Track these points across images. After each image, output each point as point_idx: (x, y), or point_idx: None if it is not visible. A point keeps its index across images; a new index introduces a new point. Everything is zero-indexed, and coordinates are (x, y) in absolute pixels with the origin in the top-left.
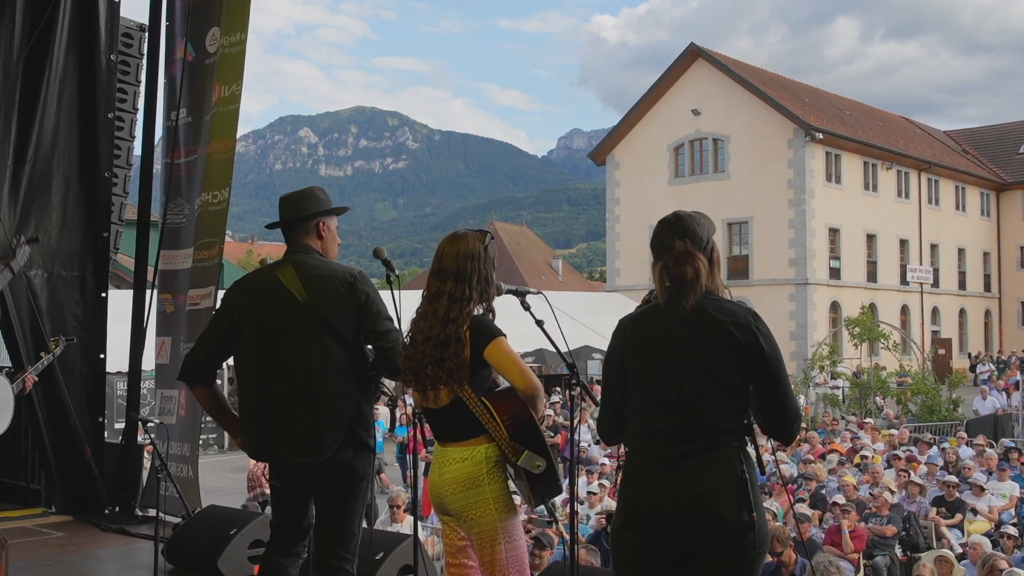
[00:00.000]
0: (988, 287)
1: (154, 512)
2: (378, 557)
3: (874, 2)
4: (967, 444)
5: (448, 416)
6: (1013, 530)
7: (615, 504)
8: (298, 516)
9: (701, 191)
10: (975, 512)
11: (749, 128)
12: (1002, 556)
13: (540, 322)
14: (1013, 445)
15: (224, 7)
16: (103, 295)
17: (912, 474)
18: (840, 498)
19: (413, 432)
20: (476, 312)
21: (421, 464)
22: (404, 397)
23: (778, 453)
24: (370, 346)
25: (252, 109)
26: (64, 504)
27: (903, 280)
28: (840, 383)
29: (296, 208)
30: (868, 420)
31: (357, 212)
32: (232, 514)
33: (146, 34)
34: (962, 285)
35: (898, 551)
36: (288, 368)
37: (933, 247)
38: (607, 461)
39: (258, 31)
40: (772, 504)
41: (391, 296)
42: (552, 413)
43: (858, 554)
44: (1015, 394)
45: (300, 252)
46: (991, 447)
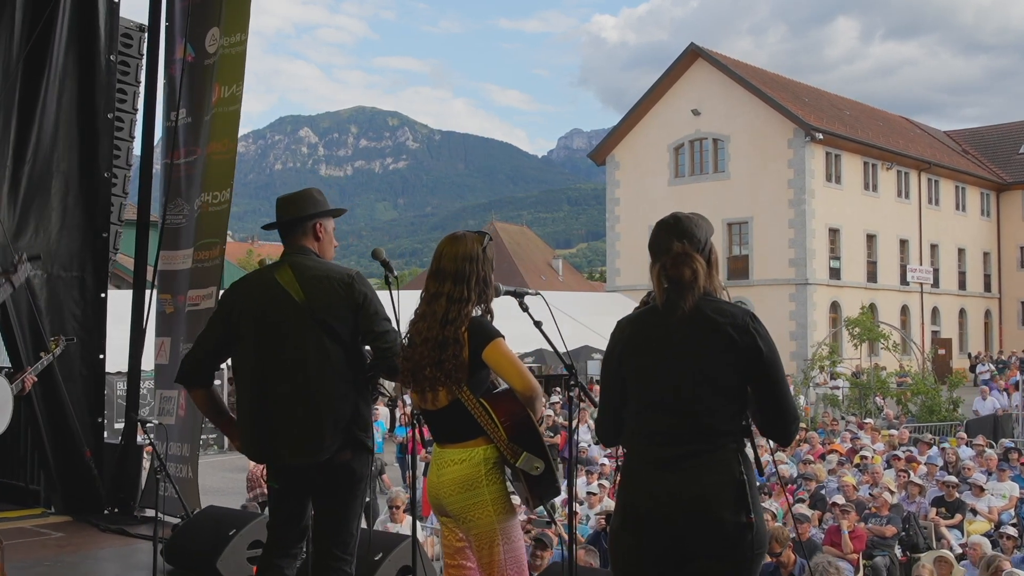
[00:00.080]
0: (988, 287)
1: (153, 513)
2: (377, 558)
3: (874, 2)
4: (967, 444)
5: (446, 417)
6: (1013, 530)
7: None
8: (296, 518)
9: (701, 191)
10: (975, 512)
11: (749, 128)
12: (1005, 557)
13: (538, 323)
14: (1013, 445)
15: (224, 8)
16: (102, 295)
17: (912, 474)
18: (840, 498)
19: (412, 432)
20: (475, 313)
21: (420, 464)
22: (404, 397)
23: (777, 453)
24: (368, 347)
25: (252, 109)
26: (63, 504)
27: (903, 280)
28: (840, 383)
29: (293, 209)
30: (868, 420)
31: (357, 212)
32: (231, 515)
33: (146, 34)
34: (962, 285)
35: (898, 551)
36: (288, 369)
37: (933, 247)
38: (607, 461)
39: (258, 31)
40: (772, 504)
41: (390, 297)
42: (552, 413)
43: (857, 554)
44: (1015, 394)
45: (297, 253)
46: (991, 447)
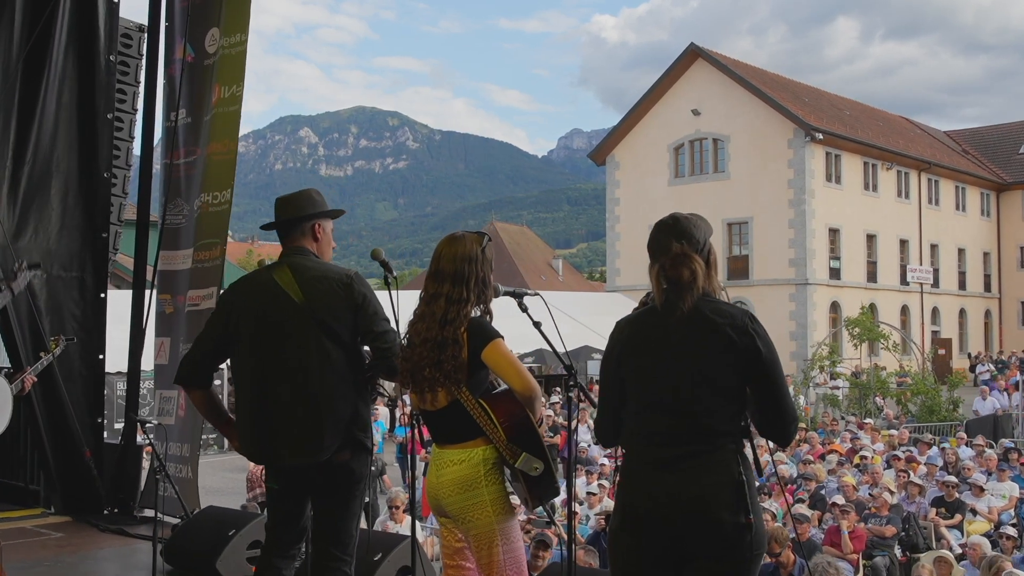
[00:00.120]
0: (988, 287)
1: (153, 513)
2: (376, 558)
3: (874, 2)
4: (967, 444)
5: (446, 418)
6: (1012, 531)
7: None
8: (294, 518)
9: (701, 191)
10: (974, 512)
11: (749, 128)
12: (1006, 558)
13: (538, 324)
14: (1013, 445)
15: (223, 8)
16: (102, 295)
17: (912, 474)
18: (839, 498)
19: (412, 433)
20: (474, 314)
21: (420, 465)
22: (403, 398)
23: (777, 453)
24: (367, 347)
25: (252, 109)
26: (63, 505)
27: (903, 280)
28: (840, 383)
29: (291, 209)
30: (868, 420)
31: (357, 212)
32: (231, 515)
33: (145, 35)
34: (962, 285)
35: (897, 552)
36: (288, 369)
37: (933, 247)
38: (606, 462)
39: (258, 31)
40: (771, 505)
41: (389, 297)
42: (552, 413)
43: (857, 555)
44: (1015, 394)
45: (296, 254)
46: (991, 447)
